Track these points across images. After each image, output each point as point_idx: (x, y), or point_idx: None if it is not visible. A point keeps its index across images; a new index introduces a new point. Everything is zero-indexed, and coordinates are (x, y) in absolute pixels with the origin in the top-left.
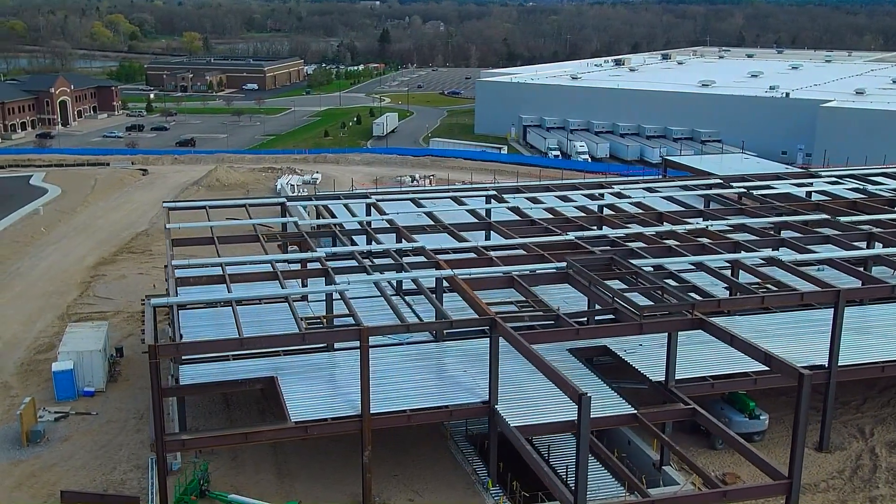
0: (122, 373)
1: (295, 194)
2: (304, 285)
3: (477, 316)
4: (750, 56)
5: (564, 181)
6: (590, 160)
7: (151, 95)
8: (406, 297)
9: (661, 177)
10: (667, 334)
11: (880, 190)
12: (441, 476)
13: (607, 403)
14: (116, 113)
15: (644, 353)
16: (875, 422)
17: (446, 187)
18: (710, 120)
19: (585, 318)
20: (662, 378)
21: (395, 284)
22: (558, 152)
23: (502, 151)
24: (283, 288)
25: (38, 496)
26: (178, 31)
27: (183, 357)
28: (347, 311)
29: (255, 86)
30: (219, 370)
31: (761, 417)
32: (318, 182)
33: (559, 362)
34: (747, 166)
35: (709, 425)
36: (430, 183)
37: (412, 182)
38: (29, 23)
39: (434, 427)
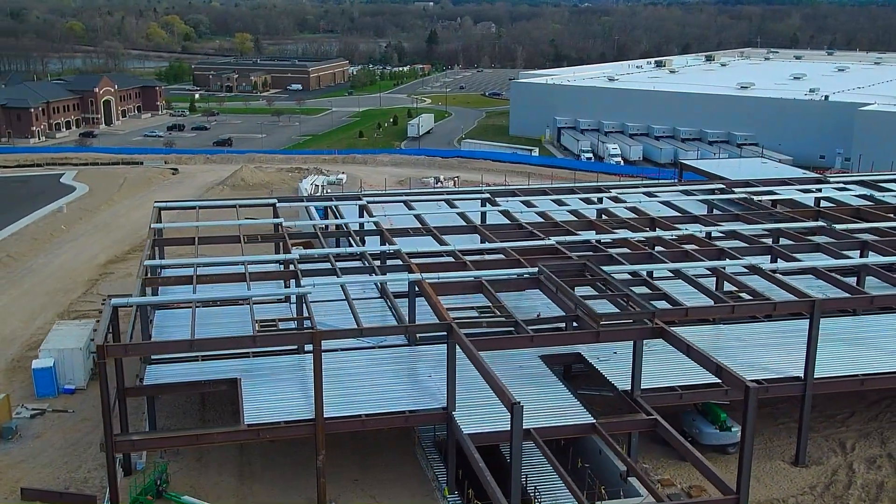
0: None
1: (309, 195)
2: (288, 286)
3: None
4: (798, 58)
5: (561, 185)
6: (622, 163)
7: (196, 95)
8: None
9: (675, 180)
10: (636, 343)
11: (889, 197)
12: (402, 482)
13: (567, 412)
14: (160, 113)
15: (618, 362)
16: (859, 436)
17: (441, 189)
18: (747, 123)
19: (558, 326)
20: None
21: (380, 286)
22: (591, 154)
23: (533, 153)
24: (248, 290)
25: (0, 493)
26: (231, 32)
27: (153, 357)
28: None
29: (300, 86)
30: (185, 371)
31: (733, 429)
32: (342, 182)
33: (529, 369)
34: (765, 171)
35: (668, 437)
36: (455, 184)
37: (436, 183)
38: (87, 24)
39: (405, 432)
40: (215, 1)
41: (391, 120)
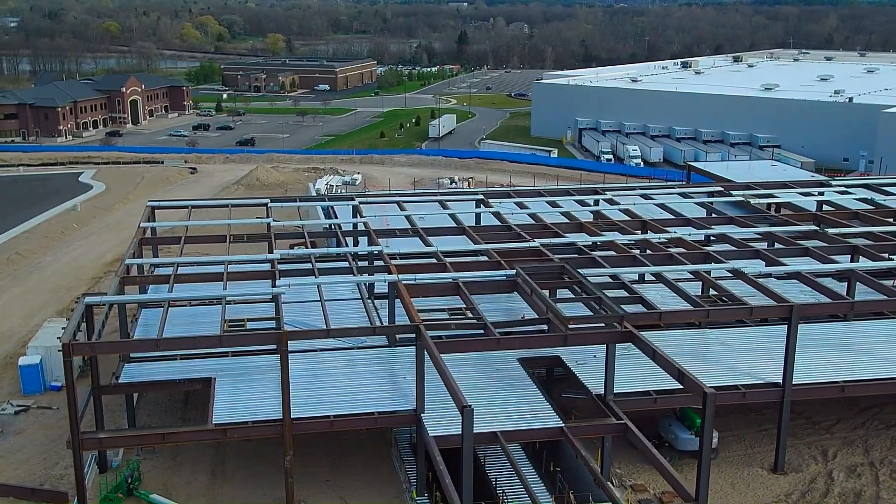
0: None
1: (323, 194)
2: (273, 285)
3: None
4: (829, 59)
5: (558, 187)
6: (642, 164)
7: (224, 95)
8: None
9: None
10: (608, 346)
11: (890, 200)
12: (374, 483)
13: (537, 416)
14: (187, 112)
15: (597, 365)
16: (842, 444)
17: (436, 191)
18: (770, 125)
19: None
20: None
21: (367, 287)
22: (611, 156)
23: (552, 155)
24: (224, 289)
25: None
26: (265, 33)
27: (131, 355)
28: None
29: (327, 86)
30: (162, 369)
31: None
32: (357, 183)
33: (506, 372)
34: (774, 173)
35: (636, 441)
36: (469, 185)
37: (450, 184)
38: (123, 24)
39: (383, 433)
40: (251, 1)
41: (413, 120)
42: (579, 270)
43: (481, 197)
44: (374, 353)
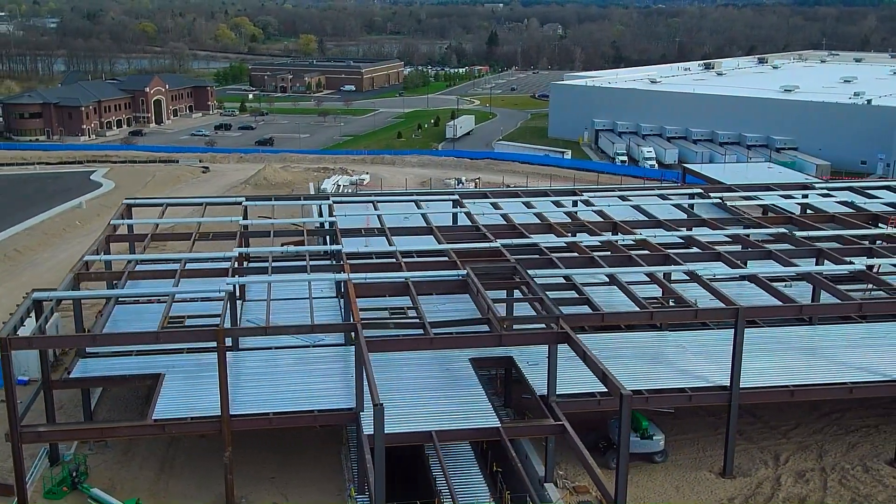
0: (65, 364)
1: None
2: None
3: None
4: (858, 61)
5: (535, 188)
6: (656, 166)
7: (250, 96)
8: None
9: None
10: (550, 347)
11: (871, 204)
12: (319, 481)
13: (475, 416)
14: (211, 112)
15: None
16: (797, 448)
17: (412, 191)
18: (787, 127)
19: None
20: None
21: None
22: (625, 158)
23: (565, 156)
24: (176, 286)
25: None
26: (299, 34)
27: (87, 350)
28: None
29: (353, 87)
30: (115, 365)
31: (654, 438)
32: (364, 183)
33: (457, 372)
34: (770, 176)
35: (570, 442)
36: (476, 186)
37: (457, 185)
38: (159, 25)
39: (336, 432)
40: (288, 3)
41: (432, 121)
42: (534, 271)
43: (457, 197)
44: (329, 352)
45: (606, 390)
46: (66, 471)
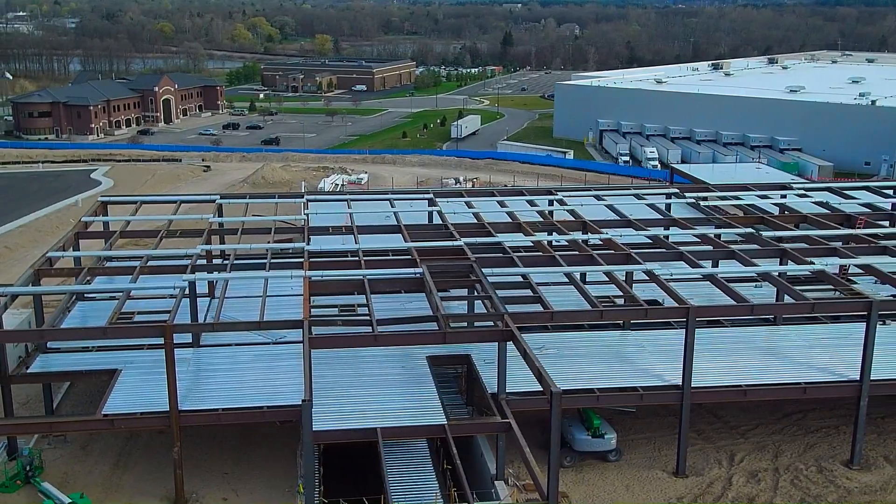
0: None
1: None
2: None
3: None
4: (871, 61)
5: (511, 187)
6: (659, 167)
7: (261, 95)
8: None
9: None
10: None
11: (847, 205)
12: (271, 477)
13: (423, 413)
14: (221, 112)
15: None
16: (753, 448)
17: (387, 189)
18: (792, 127)
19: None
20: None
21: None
22: (628, 158)
23: (567, 156)
24: (135, 282)
25: None
26: (316, 34)
27: (49, 346)
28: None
29: (364, 87)
30: (74, 360)
31: (606, 436)
32: (362, 182)
33: (412, 369)
34: (757, 176)
35: (515, 442)
36: (473, 185)
37: (455, 184)
38: (177, 25)
39: (295, 429)
40: (307, 3)
41: (439, 121)
42: (492, 270)
43: (431, 196)
44: (289, 349)
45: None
46: (20, 465)
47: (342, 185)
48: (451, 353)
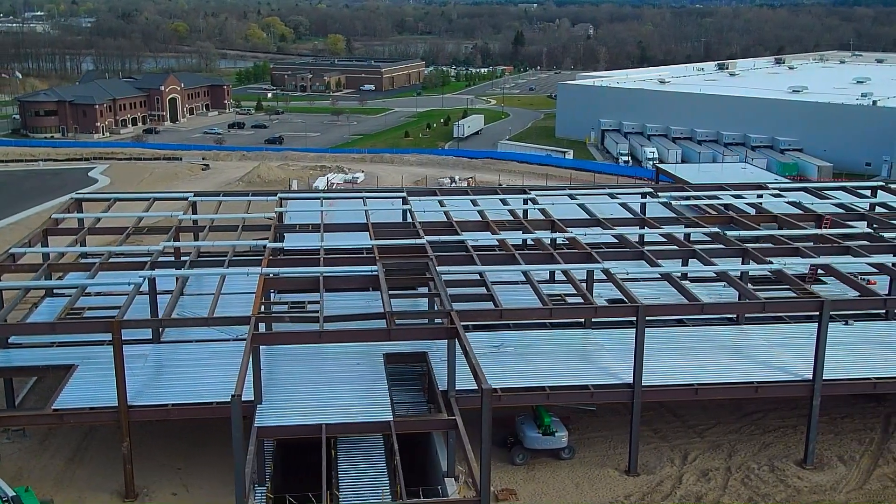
0: None
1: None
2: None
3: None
4: (880, 61)
5: (485, 186)
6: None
7: (269, 95)
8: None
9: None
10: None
11: (819, 205)
12: (225, 473)
13: (370, 410)
14: (227, 111)
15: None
16: (708, 447)
17: (362, 187)
18: (793, 128)
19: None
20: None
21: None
22: (628, 158)
23: (567, 156)
24: (93, 278)
25: None
26: (329, 34)
27: (9, 340)
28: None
29: (372, 87)
30: (33, 355)
31: (557, 434)
32: (358, 181)
33: (371, 366)
34: (742, 176)
35: (459, 439)
36: (470, 184)
37: (451, 183)
38: (191, 25)
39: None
40: (323, 3)
41: (442, 121)
42: (449, 268)
43: (405, 195)
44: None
45: (505, 387)
46: None
47: (335, 184)
48: (409, 350)
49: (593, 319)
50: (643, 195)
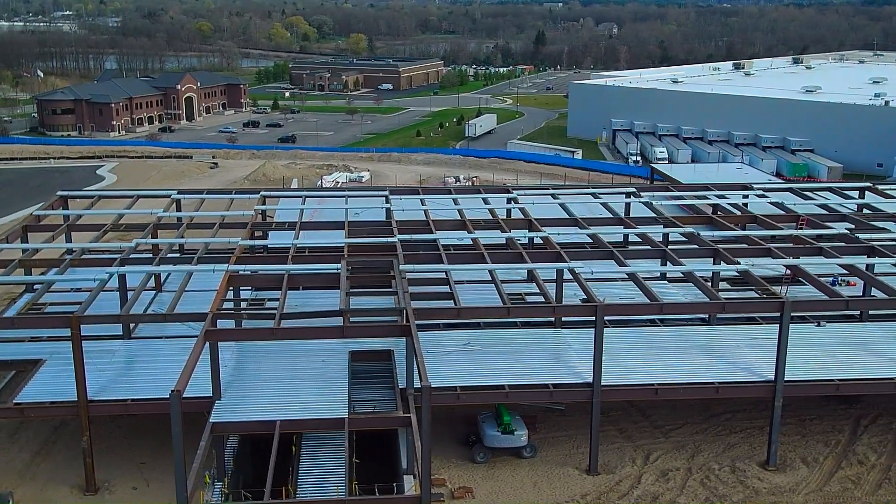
0: None
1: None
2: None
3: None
4: None
5: (468, 185)
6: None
7: (287, 94)
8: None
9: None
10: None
11: (802, 205)
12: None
13: (326, 406)
14: (244, 110)
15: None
16: (672, 448)
17: (344, 186)
18: (804, 128)
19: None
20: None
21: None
22: (638, 158)
23: (575, 156)
24: (62, 274)
25: None
26: (352, 33)
27: None
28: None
29: (390, 86)
30: (4, 350)
31: (517, 433)
32: (363, 180)
33: (336, 363)
34: (737, 177)
35: (413, 437)
36: (473, 184)
37: (455, 182)
38: (216, 24)
39: None
40: (348, 2)
41: (455, 120)
42: (416, 266)
43: (387, 194)
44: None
45: (467, 385)
46: None
47: (339, 183)
48: (374, 348)
49: (563, 319)
50: (627, 195)
